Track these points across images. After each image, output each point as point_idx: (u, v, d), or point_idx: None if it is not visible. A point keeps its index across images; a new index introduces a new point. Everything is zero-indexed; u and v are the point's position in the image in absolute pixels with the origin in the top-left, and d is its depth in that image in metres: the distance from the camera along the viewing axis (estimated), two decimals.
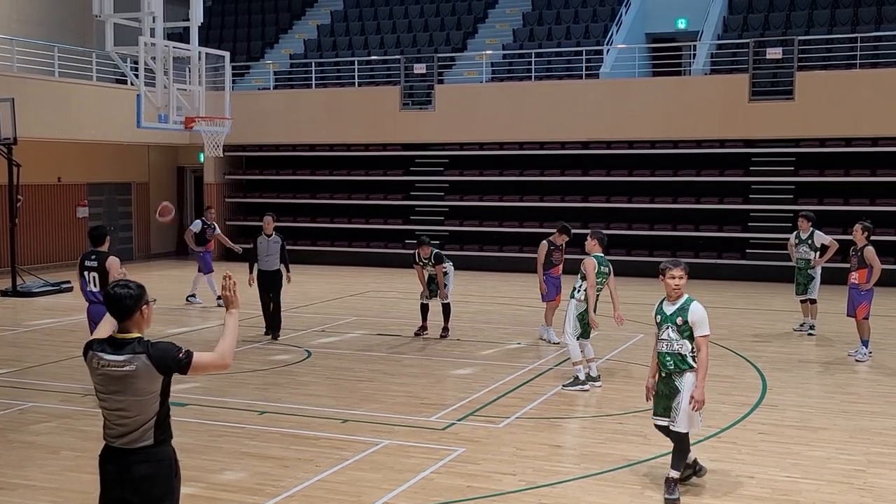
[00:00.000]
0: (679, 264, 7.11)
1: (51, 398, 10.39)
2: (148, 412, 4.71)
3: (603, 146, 22.57)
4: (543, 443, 8.61)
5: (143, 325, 4.85)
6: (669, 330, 7.05)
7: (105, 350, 4.75)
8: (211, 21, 28.97)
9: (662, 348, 7.10)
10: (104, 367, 4.72)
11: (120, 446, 4.75)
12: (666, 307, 7.15)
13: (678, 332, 7.02)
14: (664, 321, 7.10)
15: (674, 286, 7.06)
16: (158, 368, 4.68)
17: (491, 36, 26.43)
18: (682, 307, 7.06)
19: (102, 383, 4.75)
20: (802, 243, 14.16)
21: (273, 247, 13.88)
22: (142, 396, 4.69)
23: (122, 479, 4.73)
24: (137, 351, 4.69)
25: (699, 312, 7.03)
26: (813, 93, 20.65)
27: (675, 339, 7.04)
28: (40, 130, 20.74)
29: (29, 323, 15.77)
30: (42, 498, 7.29)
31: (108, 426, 4.79)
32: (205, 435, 8.90)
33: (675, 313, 7.05)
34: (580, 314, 10.59)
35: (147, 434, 4.73)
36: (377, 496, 7.25)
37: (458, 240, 23.37)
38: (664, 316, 7.12)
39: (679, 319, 7.01)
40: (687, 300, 7.09)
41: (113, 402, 4.73)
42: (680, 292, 7.08)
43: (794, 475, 7.77)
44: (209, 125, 17.01)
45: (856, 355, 12.29)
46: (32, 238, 22.84)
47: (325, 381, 11.32)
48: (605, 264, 10.72)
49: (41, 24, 25.26)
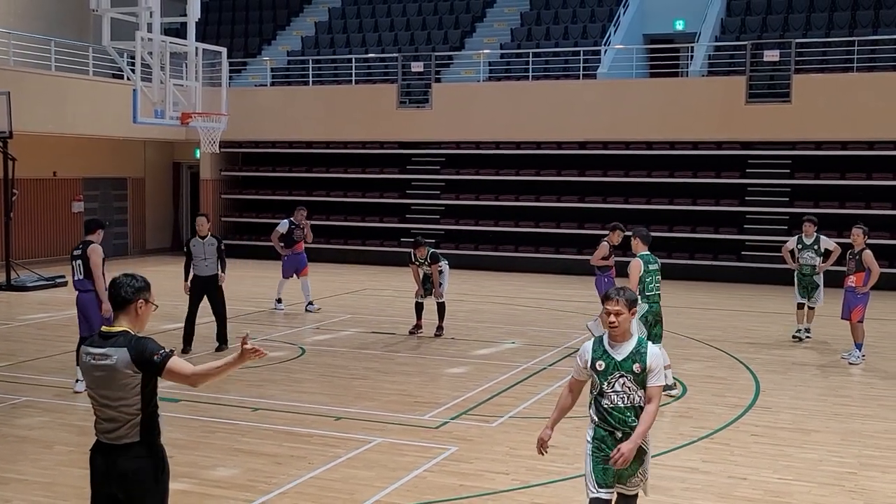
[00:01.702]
0: (622, 294, 5.57)
1: (44, 392, 10.37)
2: (131, 408, 4.70)
3: (600, 147, 22.58)
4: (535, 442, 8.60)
5: (136, 322, 4.84)
6: (626, 380, 5.53)
7: (93, 343, 4.78)
8: (208, 17, 28.91)
9: (618, 403, 5.55)
10: (90, 360, 4.73)
11: (108, 442, 4.76)
12: (614, 352, 5.57)
13: (637, 382, 5.52)
14: (615, 369, 5.54)
15: (609, 322, 5.54)
16: (135, 362, 4.65)
17: (489, 35, 26.42)
18: (637, 351, 5.54)
19: (89, 376, 4.77)
20: (807, 248, 13.65)
21: (209, 249, 12.72)
22: (123, 391, 4.68)
23: (108, 475, 4.74)
24: (120, 344, 4.69)
25: (658, 357, 5.59)
26: (810, 96, 20.67)
27: (634, 391, 5.53)
28: (36, 124, 20.69)
29: (23, 317, 15.75)
30: (35, 492, 7.28)
31: (98, 421, 4.82)
32: (198, 431, 8.90)
33: (630, 359, 5.53)
34: (642, 316, 10.17)
35: (133, 431, 4.73)
36: (370, 494, 7.25)
37: (453, 239, 23.36)
38: (614, 363, 5.55)
39: (637, 367, 5.51)
40: (641, 342, 5.61)
41: (98, 396, 4.76)
42: (621, 330, 5.56)
43: (786, 477, 7.78)
44: (206, 121, 16.99)
45: (849, 358, 12.31)
46: (27, 232, 22.80)
47: (319, 379, 11.32)
48: (654, 262, 10.46)
49: (38, 17, 25.19)
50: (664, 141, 22.07)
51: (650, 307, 10.33)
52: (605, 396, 5.57)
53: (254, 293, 18.61)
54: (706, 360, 12.53)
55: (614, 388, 5.54)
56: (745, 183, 21.70)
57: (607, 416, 5.59)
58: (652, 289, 10.35)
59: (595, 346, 5.65)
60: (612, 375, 5.53)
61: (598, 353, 5.60)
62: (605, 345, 5.59)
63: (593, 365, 5.59)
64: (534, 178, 23.19)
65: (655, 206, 21.96)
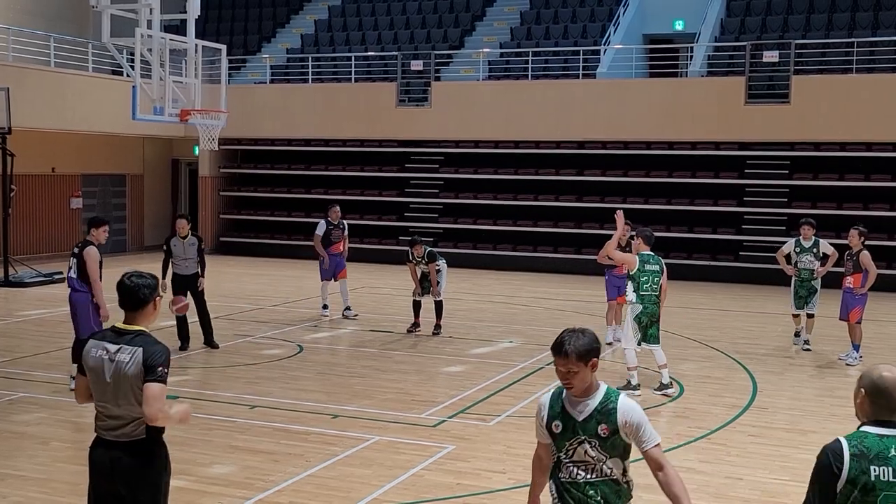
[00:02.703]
0: (574, 344, 4.15)
1: (42, 388, 10.38)
2: (139, 407, 4.71)
3: (598, 146, 22.59)
4: (533, 441, 8.59)
5: (152, 317, 4.87)
6: (588, 447, 4.19)
7: (106, 338, 4.77)
8: (208, 14, 28.89)
9: (578, 477, 4.20)
10: (104, 355, 4.73)
11: (112, 438, 4.76)
12: (571, 409, 4.23)
13: (605, 449, 4.17)
14: (574, 434, 4.20)
15: (563, 379, 4.22)
16: (144, 363, 4.67)
17: (488, 34, 26.42)
18: (604, 408, 4.18)
19: (96, 373, 4.76)
20: (806, 252, 13.19)
21: (189, 249, 12.61)
22: (130, 389, 4.69)
23: (113, 471, 4.74)
24: (137, 343, 4.71)
25: (637, 411, 4.20)
26: (809, 97, 20.69)
27: (600, 459, 4.18)
28: (35, 120, 20.69)
29: (21, 313, 15.74)
30: (31, 488, 7.28)
31: (100, 417, 4.80)
32: (195, 428, 8.89)
33: (594, 419, 4.17)
34: (636, 317, 10.26)
35: (140, 429, 4.74)
36: (367, 492, 7.26)
37: (451, 237, 23.37)
38: (573, 424, 4.21)
39: (603, 429, 4.16)
40: (610, 394, 4.22)
41: (104, 392, 4.74)
42: (578, 390, 4.21)
43: (783, 477, 7.79)
44: (204, 118, 16.98)
45: (847, 359, 12.33)
46: (25, 228, 22.78)
47: (316, 377, 11.32)
48: (653, 262, 10.33)
49: (38, 13, 25.19)
50: (663, 141, 22.08)
51: (644, 308, 10.27)
52: (561, 468, 4.26)
53: (251, 291, 18.62)
54: (703, 360, 12.54)
55: (573, 459, 4.21)
56: (743, 183, 21.71)
57: (565, 495, 4.24)
58: (647, 289, 10.26)
59: (553, 400, 4.32)
60: (571, 441, 4.21)
61: (555, 411, 4.28)
62: (563, 402, 4.27)
63: (549, 426, 4.29)
64: (532, 177, 23.20)
65: (654, 206, 21.96)
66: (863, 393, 3.73)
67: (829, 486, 3.62)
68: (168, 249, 12.69)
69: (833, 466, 3.63)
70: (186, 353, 12.37)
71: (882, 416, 3.67)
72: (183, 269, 12.63)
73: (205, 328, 12.81)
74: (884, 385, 3.66)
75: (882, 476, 3.58)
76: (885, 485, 3.58)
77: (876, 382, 3.68)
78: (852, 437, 3.68)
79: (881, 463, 3.59)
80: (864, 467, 3.58)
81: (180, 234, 12.71)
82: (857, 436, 3.68)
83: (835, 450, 3.66)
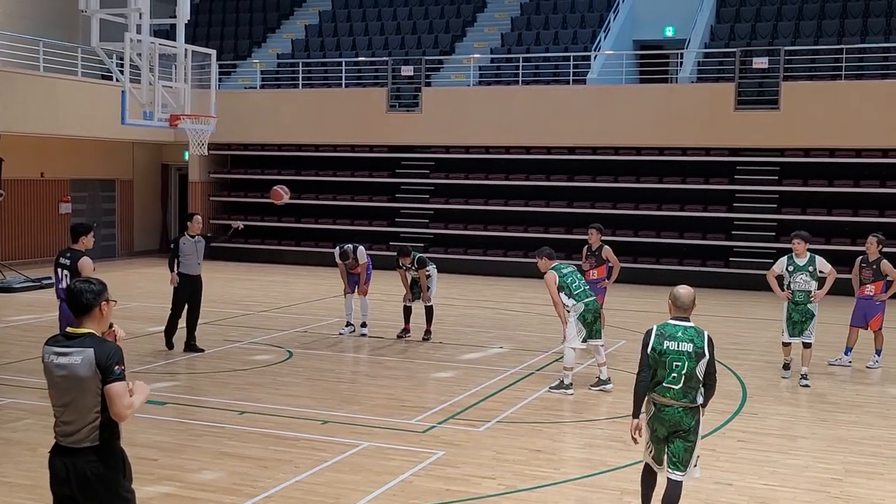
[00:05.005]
0: None
1: (29, 395, 10.31)
2: (91, 411, 4.71)
3: (589, 152, 22.61)
4: (523, 447, 8.60)
5: (102, 322, 4.88)
6: None
7: (57, 342, 4.78)
8: (198, 19, 28.87)
9: None
10: (53, 359, 4.75)
11: (68, 445, 4.77)
12: None
13: None
14: None
15: None
16: (97, 363, 4.68)
17: (479, 40, 26.45)
18: None
19: (50, 376, 4.78)
20: (800, 270, 11.46)
21: (199, 248, 12.76)
22: (84, 393, 4.69)
23: (69, 478, 4.75)
24: (87, 345, 4.72)
25: None
26: (798, 103, 20.76)
27: None
28: (24, 125, 20.61)
29: (9, 318, 15.66)
30: (18, 495, 7.24)
31: (57, 423, 4.84)
32: (184, 434, 8.86)
33: None
34: (580, 315, 10.68)
35: (93, 434, 4.74)
36: (356, 498, 7.24)
37: (442, 243, 23.36)
38: None
39: None
40: None
41: (59, 397, 4.77)
42: None
43: (771, 483, 7.80)
44: (194, 123, 16.93)
45: (869, 363, 12.55)
46: (14, 233, 22.69)
47: (305, 382, 11.29)
48: (564, 265, 10.97)
49: (26, 18, 25.11)
50: (653, 147, 22.12)
51: (586, 306, 10.73)
52: None
53: (241, 296, 18.57)
54: None
55: None
56: (733, 189, 21.76)
57: None
58: (578, 287, 10.78)
59: None
60: None
61: None
62: None
63: None
64: (523, 182, 23.21)
65: (644, 212, 22.00)
66: (669, 301, 6.50)
67: (644, 351, 6.37)
68: (176, 248, 12.80)
69: (645, 339, 6.41)
70: (173, 358, 12.33)
71: (678, 314, 6.46)
72: (191, 268, 12.73)
73: (190, 329, 12.81)
74: (677, 295, 6.47)
75: (671, 347, 6.31)
76: (672, 352, 6.31)
77: (674, 294, 6.48)
78: (660, 325, 6.42)
79: (670, 340, 6.33)
80: (661, 341, 6.32)
81: (190, 231, 12.82)
82: (662, 324, 6.44)
83: (649, 331, 6.42)
